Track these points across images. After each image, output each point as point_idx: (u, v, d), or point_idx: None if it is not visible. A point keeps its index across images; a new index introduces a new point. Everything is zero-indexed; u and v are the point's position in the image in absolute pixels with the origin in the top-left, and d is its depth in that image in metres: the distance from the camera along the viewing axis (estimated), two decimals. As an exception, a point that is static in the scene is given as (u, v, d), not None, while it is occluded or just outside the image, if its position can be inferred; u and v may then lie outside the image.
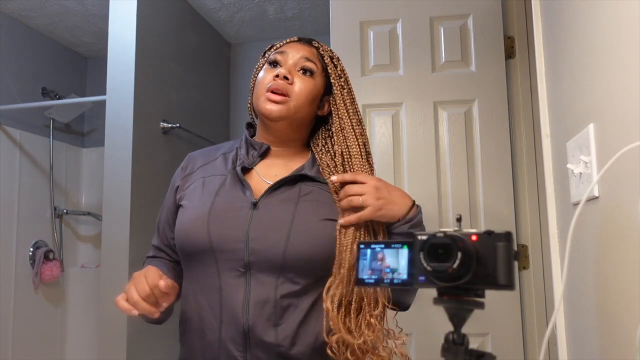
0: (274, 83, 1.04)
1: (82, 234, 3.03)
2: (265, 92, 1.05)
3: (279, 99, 1.04)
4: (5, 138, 2.56)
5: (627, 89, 0.74)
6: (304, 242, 0.98)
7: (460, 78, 1.88)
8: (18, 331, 2.53)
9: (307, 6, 2.65)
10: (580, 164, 0.90)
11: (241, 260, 0.98)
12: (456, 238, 0.60)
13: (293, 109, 1.05)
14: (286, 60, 1.08)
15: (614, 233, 0.81)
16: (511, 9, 1.94)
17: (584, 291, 0.96)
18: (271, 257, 0.97)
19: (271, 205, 1.02)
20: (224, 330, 0.98)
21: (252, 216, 1.00)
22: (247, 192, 1.04)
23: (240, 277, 0.98)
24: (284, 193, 1.04)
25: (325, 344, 0.99)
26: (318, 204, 1.03)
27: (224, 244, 0.99)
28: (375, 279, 0.66)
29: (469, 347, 0.62)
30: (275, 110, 1.04)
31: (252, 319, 0.97)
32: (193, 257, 1.03)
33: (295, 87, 1.06)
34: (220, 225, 1.00)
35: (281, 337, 0.97)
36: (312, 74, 1.09)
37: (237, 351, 0.97)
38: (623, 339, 0.78)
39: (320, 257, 0.99)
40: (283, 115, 1.05)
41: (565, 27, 1.02)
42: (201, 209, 1.02)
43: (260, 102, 1.06)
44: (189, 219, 1.03)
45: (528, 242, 1.85)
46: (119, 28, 2.12)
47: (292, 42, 1.12)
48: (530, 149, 1.88)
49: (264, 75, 1.08)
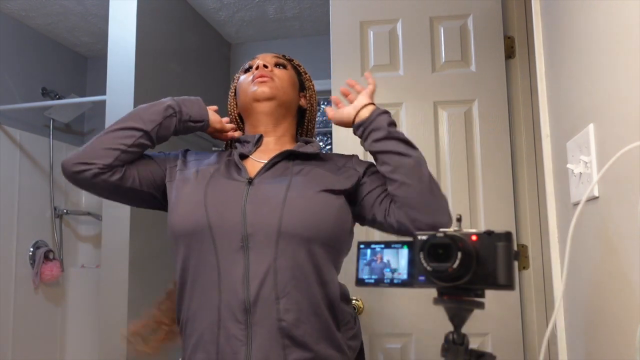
0: (256, 73, 1.15)
1: (82, 234, 3.03)
2: (250, 83, 1.15)
3: (266, 79, 1.14)
4: (5, 138, 2.56)
5: (627, 89, 0.74)
6: (299, 210, 1.00)
7: (460, 78, 1.88)
8: (18, 331, 2.53)
9: (307, 6, 2.65)
10: (580, 164, 0.90)
11: (239, 234, 0.99)
12: (456, 238, 0.60)
13: (280, 88, 1.15)
14: (260, 63, 1.18)
15: (614, 233, 0.81)
16: (511, 9, 1.94)
17: (584, 291, 0.96)
18: (268, 227, 0.98)
19: (266, 181, 1.06)
20: (223, 309, 0.98)
21: (248, 192, 1.03)
22: (242, 172, 1.08)
23: (238, 252, 0.99)
24: (278, 170, 1.08)
25: (328, 319, 1.01)
26: (312, 176, 1.07)
27: (222, 222, 1.00)
28: (375, 279, 0.66)
29: (469, 347, 0.62)
30: (265, 89, 1.13)
31: (252, 293, 0.97)
32: (189, 239, 1.02)
33: (277, 75, 1.17)
34: (217, 204, 1.02)
35: (283, 311, 0.97)
36: (285, 67, 1.20)
37: (238, 329, 0.97)
38: (623, 339, 0.78)
39: (317, 224, 1.01)
40: (273, 93, 1.13)
41: (565, 27, 1.02)
42: (197, 192, 1.04)
43: (249, 91, 1.15)
44: (186, 202, 1.04)
45: (528, 242, 1.84)
46: (119, 28, 2.12)
47: (261, 54, 1.23)
48: (530, 149, 1.88)
49: (245, 77, 1.19)
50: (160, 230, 2.19)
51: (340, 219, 1.05)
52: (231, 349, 0.97)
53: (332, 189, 1.05)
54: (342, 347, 1.04)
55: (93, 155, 1.05)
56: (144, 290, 2.08)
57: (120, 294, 1.97)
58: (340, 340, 1.04)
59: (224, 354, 0.97)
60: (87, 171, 1.05)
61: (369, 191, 1.08)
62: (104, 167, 1.05)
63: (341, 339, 1.05)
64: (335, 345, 1.03)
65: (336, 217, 1.03)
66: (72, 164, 1.05)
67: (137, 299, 2.02)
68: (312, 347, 0.98)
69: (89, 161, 1.05)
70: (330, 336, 1.02)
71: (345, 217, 1.07)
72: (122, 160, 1.07)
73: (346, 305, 1.10)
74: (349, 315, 1.10)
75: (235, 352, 0.96)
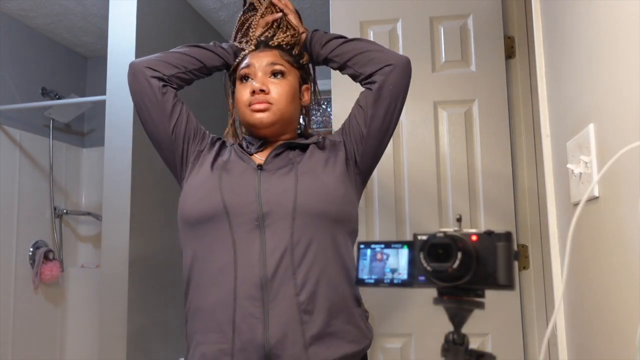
0: (252, 99, 1.11)
1: (82, 234, 3.03)
2: (247, 107, 1.13)
3: (263, 107, 1.11)
4: (5, 138, 2.56)
5: (627, 89, 0.74)
6: (312, 187, 1.05)
7: (460, 78, 1.88)
8: (18, 331, 2.53)
9: (307, 6, 2.65)
10: (580, 164, 0.90)
11: (254, 213, 1.02)
12: (456, 238, 0.60)
13: (278, 112, 1.12)
14: (255, 72, 1.14)
15: (614, 233, 0.81)
16: (511, 9, 1.94)
17: (584, 291, 0.96)
18: (284, 205, 1.02)
19: (275, 166, 1.10)
20: (240, 287, 0.99)
21: (260, 176, 1.08)
22: (251, 161, 1.12)
23: (254, 231, 1.01)
24: (283, 159, 1.12)
25: (346, 294, 1.04)
26: (315, 159, 1.12)
27: (237, 203, 1.03)
28: (375, 279, 0.66)
29: (469, 347, 0.62)
30: (264, 117, 1.11)
31: (269, 269, 0.98)
32: (204, 224, 1.05)
33: (274, 93, 1.12)
34: (233, 187, 1.05)
35: (300, 285, 0.99)
36: (283, 75, 1.15)
37: (254, 307, 0.98)
38: (623, 339, 0.78)
39: (328, 199, 1.05)
40: (272, 120, 1.12)
41: (565, 27, 1.02)
42: (212, 180, 1.08)
43: (247, 117, 1.14)
44: (200, 189, 1.08)
45: (528, 242, 1.84)
46: (119, 28, 2.12)
47: (253, 52, 1.19)
48: (530, 149, 1.88)
49: (241, 92, 1.15)
50: (160, 231, 2.19)
51: (349, 194, 1.10)
52: (248, 326, 0.97)
53: (335, 166, 1.11)
54: (360, 325, 1.06)
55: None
56: (144, 290, 2.08)
57: (120, 294, 1.97)
58: (356, 317, 1.06)
59: (241, 332, 0.98)
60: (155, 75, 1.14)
61: (348, 130, 1.17)
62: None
63: (359, 316, 1.07)
64: (353, 321, 1.05)
65: (345, 192, 1.09)
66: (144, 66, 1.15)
67: (137, 299, 2.02)
68: (330, 322, 1.00)
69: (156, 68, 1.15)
70: (348, 311, 1.04)
71: (352, 192, 1.13)
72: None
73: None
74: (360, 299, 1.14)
75: (252, 329, 0.97)
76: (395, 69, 1.11)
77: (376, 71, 1.12)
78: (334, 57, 1.18)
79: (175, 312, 2.23)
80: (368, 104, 1.12)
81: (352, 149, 1.15)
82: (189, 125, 1.16)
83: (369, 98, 1.12)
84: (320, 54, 1.20)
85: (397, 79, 1.11)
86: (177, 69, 1.17)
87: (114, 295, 1.98)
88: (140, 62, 1.16)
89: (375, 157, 1.18)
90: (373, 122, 1.12)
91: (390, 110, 1.13)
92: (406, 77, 1.13)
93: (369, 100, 1.12)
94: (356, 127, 1.14)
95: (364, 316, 1.10)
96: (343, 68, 1.18)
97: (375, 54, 1.14)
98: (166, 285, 2.22)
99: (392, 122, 1.15)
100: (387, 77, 1.11)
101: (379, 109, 1.12)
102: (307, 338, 0.98)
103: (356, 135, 1.14)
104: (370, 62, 1.13)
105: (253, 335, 0.97)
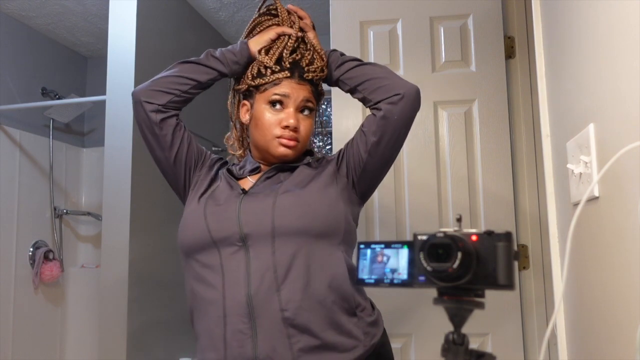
0: (284, 133, 1.13)
1: (82, 234, 3.03)
2: (275, 138, 1.14)
3: (292, 144, 1.14)
4: (5, 138, 2.56)
5: (627, 88, 0.74)
6: (290, 205, 1.07)
7: (460, 78, 1.88)
8: (18, 331, 2.53)
9: (307, 6, 2.65)
10: (580, 164, 0.90)
11: (237, 234, 1.05)
12: (456, 238, 0.60)
13: (301, 148, 1.18)
14: (289, 104, 1.14)
15: (614, 233, 0.81)
16: (511, 9, 1.94)
17: (584, 291, 0.96)
18: (263, 226, 1.04)
19: (258, 190, 1.13)
20: (228, 305, 1.03)
21: (242, 199, 1.10)
22: (237, 187, 1.14)
23: (239, 251, 1.05)
24: (277, 179, 1.15)
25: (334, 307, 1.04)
26: (301, 177, 1.13)
27: (220, 228, 1.07)
28: (375, 279, 0.66)
29: (469, 347, 0.62)
30: (289, 153, 1.15)
31: (253, 287, 1.02)
32: (197, 251, 1.09)
33: (302, 131, 1.16)
34: (215, 214, 1.09)
35: (284, 301, 1.01)
36: (310, 112, 1.19)
37: (242, 324, 1.01)
38: (623, 339, 0.78)
39: (309, 215, 1.06)
40: (294, 155, 1.17)
41: (565, 27, 1.02)
42: (199, 209, 1.12)
43: (272, 148, 1.14)
44: (189, 221, 1.13)
45: (528, 242, 1.85)
46: (119, 28, 2.12)
47: (289, 80, 1.15)
48: (530, 149, 1.88)
49: (270, 119, 1.14)
50: (161, 231, 2.19)
51: (334, 206, 1.10)
52: (237, 342, 1.01)
53: (320, 180, 1.12)
54: (354, 333, 1.06)
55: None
56: (144, 290, 2.08)
57: (120, 294, 1.97)
58: (349, 326, 1.06)
59: (232, 348, 1.02)
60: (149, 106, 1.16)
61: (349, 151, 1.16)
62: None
63: (354, 324, 1.07)
64: (344, 331, 1.05)
65: (329, 205, 1.09)
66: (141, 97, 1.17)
67: (137, 299, 2.02)
68: (318, 335, 1.02)
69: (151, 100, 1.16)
70: (337, 323, 1.04)
71: (339, 204, 1.11)
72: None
73: (361, 292, 1.13)
74: (365, 302, 1.13)
75: (242, 345, 1.01)
76: (403, 99, 1.10)
77: (384, 99, 1.11)
78: (346, 80, 1.18)
79: (175, 312, 2.23)
80: (371, 130, 1.11)
81: (351, 170, 1.15)
82: (189, 154, 1.20)
83: (372, 125, 1.11)
84: (333, 74, 1.20)
85: (404, 109, 1.10)
86: (171, 94, 1.18)
87: (114, 295, 1.98)
88: (139, 94, 1.17)
89: (372, 184, 1.17)
90: (374, 149, 1.11)
91: (392, 139, 1.11)
92: (414, 108, 1.12)
93: (372, 127, 1.11)
94: (357, 151, 1.13)
95: (362, 323, 1.08)
96: (353, 92, 1.18)
97: (385, 82, 1.13)
98: (166, 285, 2.22)
99: (394, 152, 1.14)
100: (394, 107, 1.10)
101: (381, 138, 1.10)
102: (295, 352, 1.00)
103: (355, 160, 1.13)
104: (380, 90, 1.12)
105: (243, 351, 1.01)
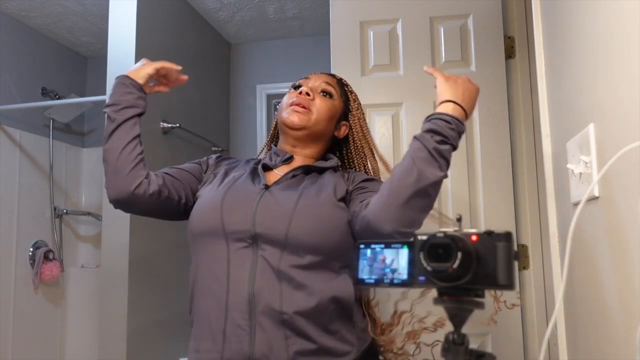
0: (297, 97, 1.19)
1: (82, 234, 3.03)
2: (288, 106, 1.19)
3: (300, 110, 1.17)
4: (5, 138, 2.56)
5: (627, 89, 0.74)
6: (308, 218, 1.05)
7: (460, 78, 1.88)
8: (18, 331, 2.53)
9: (307, 6, 2.65)
10: (580, 164, 0.90)
11: (248, 232, 1.05)
12: (456, 238, 0.60)
13: (313, 120, 1.18)
14: (308, 83, 1.23)
15: (614, 233, 0.81)
16: (511, 9, 1.94)
17: (584, 291, 0.96)
18: (277, 230, 1.04)
19: (280, 189, 1.12)
20: (230, 299, 1.03)
21: (262, 197, 1.09)
22: (261, 180, 1.14)
23: (247, 248, 1.05)
24: (294, 182, 1.14)
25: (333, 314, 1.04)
26: (322, 185, 1.12)
27: (233, 221, 1.06)
28: (375, 279, 0.66)
29: (469, 347, 0.62)
30: (296, 119, 1.17)
31: (257, 286, 1.02)
32: (206, 237, 1.10)
33: (316, 103, 1.19)
34: (232, 205, 1.08)
35: (285, 304, 1.01)
36: (331, 96, 1.23)
37: (242, 319, 1.02)
38: (623, 339, 0.78)
39: (324, 234, 1.05)
40: (304, 124, 1.17)
41: (565, 27, 1.02)
42: (217, 196, 1.11)
43: (283, 114, 1.19)
44: (205, 205, 1.12)
45: (528, 242, 1.84)
46: (119, 28, 2.12)
47: (315, 74, 1.28)
48: (530, 149, 1.88)
49: (288, 96, 1.22)
50: (161, 231, 2.19)
51: (347, 231, 1.08)
52: (236, 337, 1.02)
53: (336, 196, 1.10)
54: (349, 339, 1.07)
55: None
56: (144, 290, 2.08)
57: (120, 294, 1.97)
58: (344, 332, 1.06)
59: (230, 343, 1.02)
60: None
61: (355, 194, 1.12)
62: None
63: (349, 330, 1.07)
64: (340, 336, 1.05)
65: (337, 227, 1.08)
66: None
67: (137, 299, 2.02)
68: (315, 339, 1.02)
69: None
70: (334, 329, 1.05)
71: (348, 228, 1.09)
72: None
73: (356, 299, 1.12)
74: (358, 307, 1.13)
75: (240, 341, 1.02)
76: (383, 229, 0.97)
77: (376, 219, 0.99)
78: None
79: (175, 312, 2.23)
80: (356, 221, 1.04)
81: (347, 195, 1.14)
82: (186, 191, 1.20)
83: (360, 221, 1.03)
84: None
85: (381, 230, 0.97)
86: (139, 162, 1.14)
87: (114, 295, 1.98)
88: (121, 191, 1.13)
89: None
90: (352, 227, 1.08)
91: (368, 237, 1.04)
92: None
93: (359, 222, 1.03)
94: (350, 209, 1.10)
95: (356, 329, 1.09)
96: None
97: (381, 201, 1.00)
98: (166, 285, 2.22)
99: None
100: (374, 224, 0.98)
101: (359, 236, 1.05)
102: (291, 354, 1.01)
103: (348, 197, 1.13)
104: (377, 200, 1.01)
105: (240, 347, 1.01)
